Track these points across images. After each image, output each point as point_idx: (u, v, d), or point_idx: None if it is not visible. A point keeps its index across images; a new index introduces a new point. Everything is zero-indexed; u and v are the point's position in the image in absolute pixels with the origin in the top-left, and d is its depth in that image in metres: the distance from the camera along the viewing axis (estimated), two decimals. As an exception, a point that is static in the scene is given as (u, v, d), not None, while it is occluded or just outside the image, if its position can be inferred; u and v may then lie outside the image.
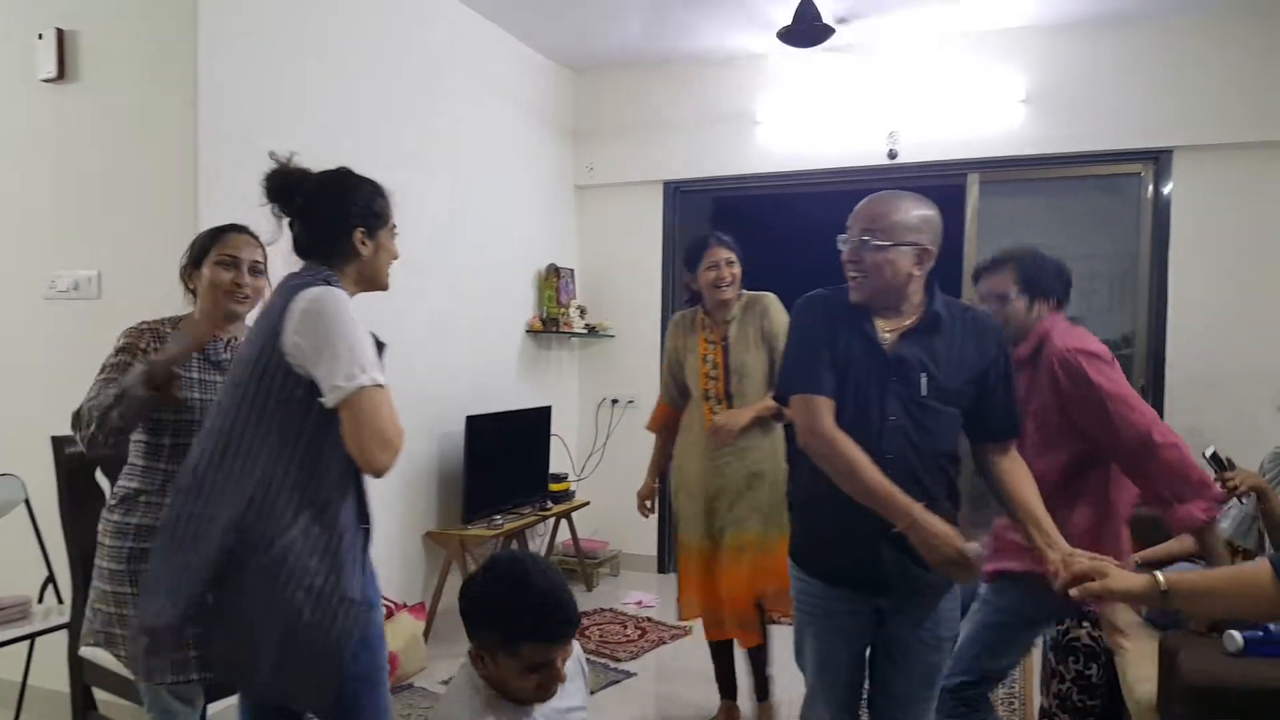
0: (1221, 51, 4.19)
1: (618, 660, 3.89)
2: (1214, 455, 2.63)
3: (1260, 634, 2.01)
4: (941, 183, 4.93)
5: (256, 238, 2.25)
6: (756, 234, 7.91)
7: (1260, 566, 1.37)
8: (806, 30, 3.90)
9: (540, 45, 4.91)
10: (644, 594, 4.79)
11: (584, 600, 4.73)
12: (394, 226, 1.93)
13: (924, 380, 1.89)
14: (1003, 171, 4.69)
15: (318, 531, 1.72)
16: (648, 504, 3.41)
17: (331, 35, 3.50)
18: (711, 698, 3.30)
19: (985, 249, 4.74)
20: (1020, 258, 2.41)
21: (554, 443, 4.98)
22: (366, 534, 1.87)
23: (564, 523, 4.94)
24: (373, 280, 1.90)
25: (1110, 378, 2.21)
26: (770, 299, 3.13)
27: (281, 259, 2.05)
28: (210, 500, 1.71)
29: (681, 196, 5.32)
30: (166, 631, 1.72)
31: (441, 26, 4.19)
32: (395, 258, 1.94)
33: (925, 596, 1.96)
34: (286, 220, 1.87)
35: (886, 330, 1.94)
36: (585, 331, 5.23)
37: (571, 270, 5.32)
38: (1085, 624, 2.88)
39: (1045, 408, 2.27)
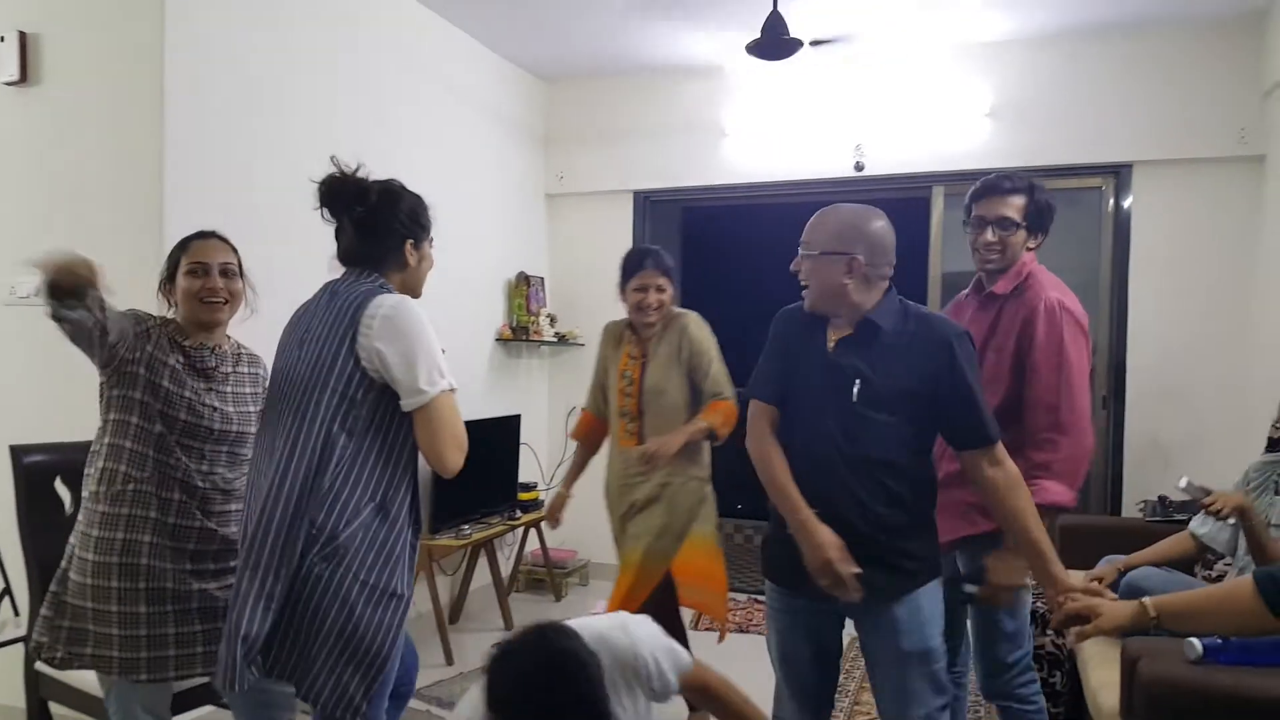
0: (1178, 69, 4.28)
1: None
2: (1189, 484, 2.68)
3: (1219, 641, 2.04)
4: (907, 195, 4.99)
5: (226, 240, 2.23)
6: (725, 244, 7.95)
7: (1243, 583, 1.39)
8: (774, 44, 3.93)
9: (511, 54, 4.91)
10: (612, 603, 4.78)
11: (553, 610, 4.71)
12: (433, 239, 2.05)
13: (856, 387, 1.92)
14: (967, 184, 4.70)
15: (377, 526, 1.82)
16: (559, 515, 3.41)
17: (300, 41, 3.48)
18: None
19: (950, 261, 4.80)
20: (1036, 186, 2.38)
21: (523, 451, 4.96)
22: (416, 533, 1.95)
23: (533, 532, 4.92)
24: (413, 289, 2.01)
25: (1080, 353, 2.25)
26: (691, 318, 3.08)
27: (258, 262, 2.03)
28: (295, 506, 1.78)
29: (651, 206, 5.34)
30: (258, 639, 1.79)
31: (411, 33, 4.18)
32: (432, 267, 2.05)
33: (874, 602, 1.95)
34: (335, 226, 1.96)
35: (833, 338, 2.00)
36: (555, 340, 5.22)
37: (541, 279, 5.31)
38: (1049, 633, 2.91)
39: (1006, 346, 2.29)
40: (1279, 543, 2.52)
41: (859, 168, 4.76)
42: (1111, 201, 4.52)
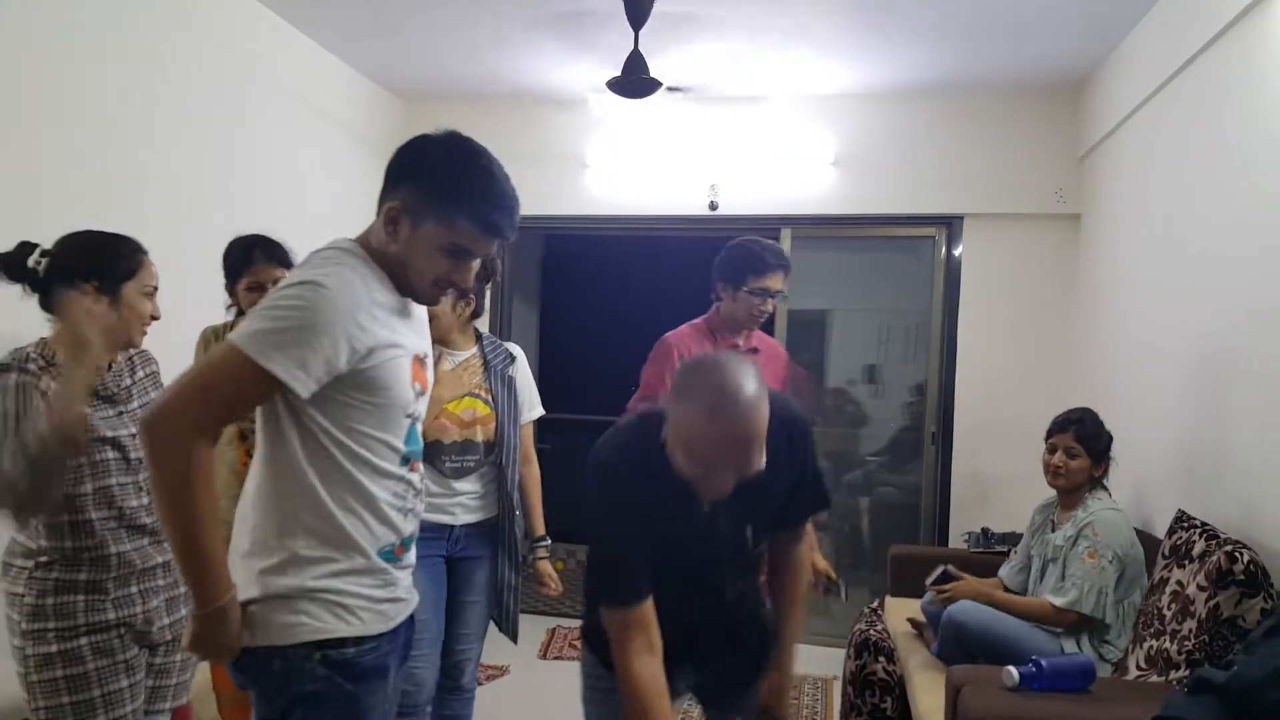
0: (1005, 130, 4.64)
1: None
2: (944, 572, 3.01)
3: (1033, 669, 2.23)
4: (757, 234, 5.19)
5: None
6: (586, 274, 8.01)
7: None
8: (634, 83, 4.03)
9: (368, 70, 4.81)
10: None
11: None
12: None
13: (749, 533, 1.81)
14: (813, 229, 4.98)
15: None
16: None
17: (131, 44, 3.29)
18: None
19: (797, 299, 5.02)
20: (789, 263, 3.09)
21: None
22: None
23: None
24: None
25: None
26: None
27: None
28: None
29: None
30: None
31: (253, 38, 3.97)
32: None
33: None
34: None
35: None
36: (407, 365, 5.13)
37: (395, 302, 5.21)
38: (880, 659, 3.08)
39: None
40: (1026, 603, 2.84)
41: (713, 207, 4.92)
42: (943, 250, 4.84)
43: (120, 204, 3.13)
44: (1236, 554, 2.27)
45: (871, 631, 3.12)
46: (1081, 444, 2.92)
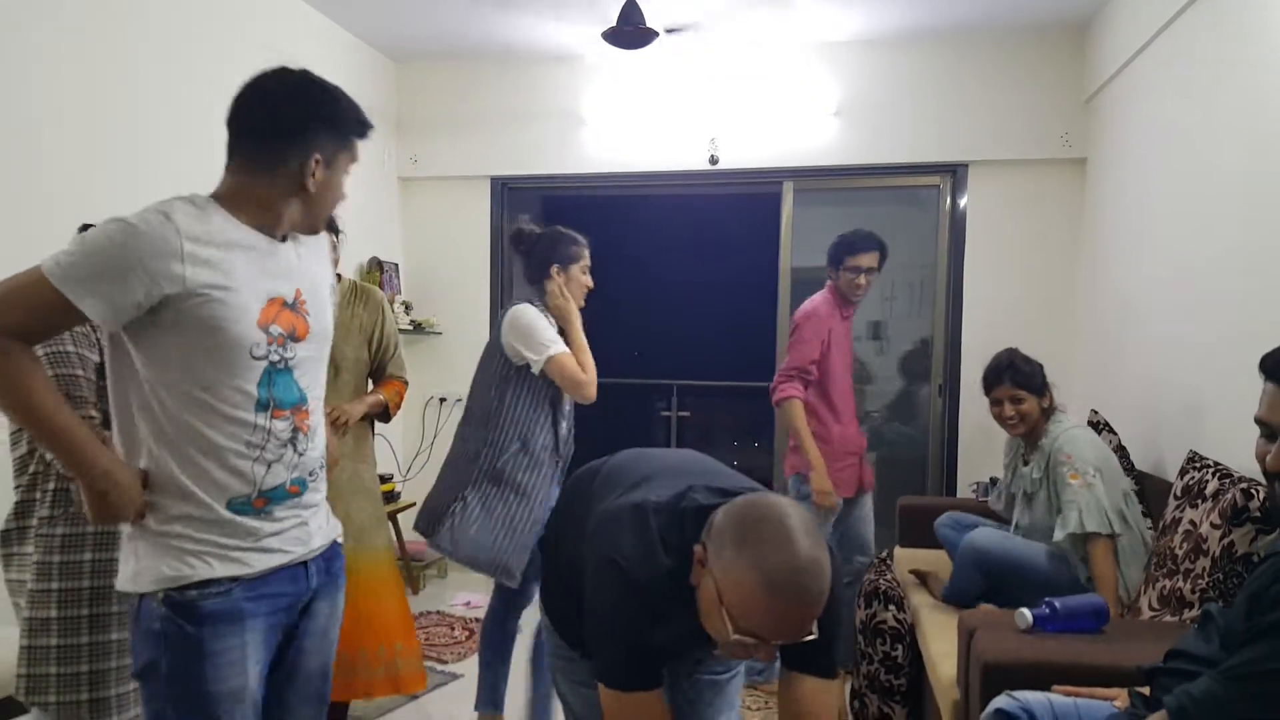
0: (1009, 74, 4.56)
1: (444, 663, 3.83)
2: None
3: (1046, 611, 2.22)
4: (759, 190, 5.13)
5: None
6: (586, 234, 7.95)
7: None
8: (630, 33, 3.96)
9: (358, 30, 4.73)
10: (473, 595, 4.73)
11: (411, 603, 4.60)
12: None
13: None
14: (815, 180, 4.92)
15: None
16: None
17: (115, 3, 3.24)
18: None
19: (800, 256, 4.97)
20: (883, 242, 3.45)
21: (378, 443, 4.82)
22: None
23: (389, 524, 4.80)
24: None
25: None
26: (382, 296, 2.92)
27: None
28: None
29: (510, 193, 5.28)
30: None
31: (243, 1, 3.93)
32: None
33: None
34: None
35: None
36: (411, 328, 5.10)
37: (396, 265, 5.17)
38: (891, 607, 3.07)
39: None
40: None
41: (713, 161, 4.86)
42: (949, 199, 4.78)
43: (105, 167, 3.09)
44: (1252, 491, 2.26)
45: (881, 581, 3.12)
46: (1021, 387, 2.96)
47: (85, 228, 2.13)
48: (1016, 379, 2.96)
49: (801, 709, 1.61)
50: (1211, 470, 2.51)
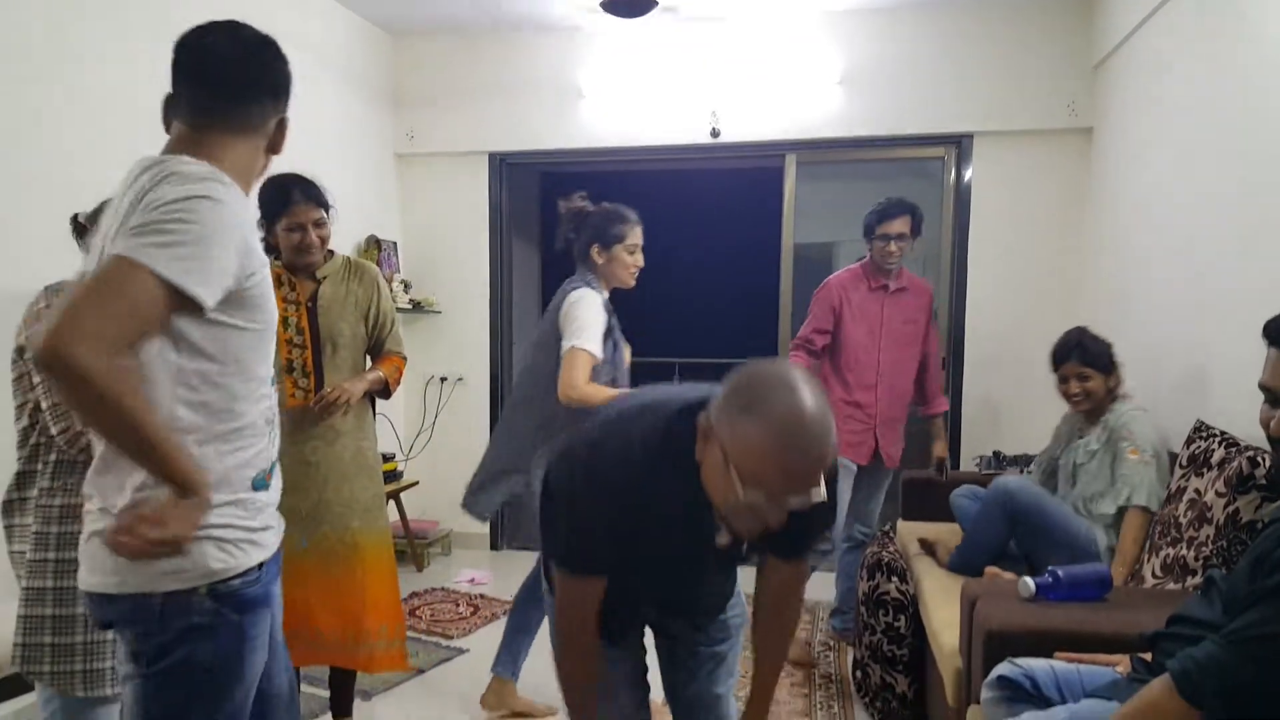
0: (1014, 43, 4.49)
1: (449, 638, 3.84)
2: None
3: (1049, 579, 2.20)
4: (761, 163, 5.09)
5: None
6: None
7: (1161, 692, 1.47)
8: (630, 2, 3.92)
9: (352, 3, 4.67)
10: (477, 571, 4.74)
11: (415, 580, 4.63)
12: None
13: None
14: (819, 153, 4.88)
15: None
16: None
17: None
18: (538, 675, 3.30)
19: (803, 230, 4.94)
20: (915, 207, 3.50)
21: (380, 422, 4.81)
22: None
23: (393, 503, 4.81)
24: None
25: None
26: (376, 272, 2.80)
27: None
28: None
29: (508, 169, 5.24)
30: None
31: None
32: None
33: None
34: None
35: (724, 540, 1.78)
36: (410, 307, 5.07)
37: (394, 243, 5.14)
38: (894, 578, 3.07)
39: (917, 320, 3.59)
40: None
41: (715, 134, 4.81)
42: (953, 171, 4.73)
43: (103, 146, 3.06)
44: (1258, 459, 2.24)
45: (884, 553, 3.12)
46: (1089, 365, 2.94)
47: (75, 218, 2.11)
48: (1084, 357, 2.95)
49: (781, 590, 1.83)
50: (1218, 439, 2.49)
